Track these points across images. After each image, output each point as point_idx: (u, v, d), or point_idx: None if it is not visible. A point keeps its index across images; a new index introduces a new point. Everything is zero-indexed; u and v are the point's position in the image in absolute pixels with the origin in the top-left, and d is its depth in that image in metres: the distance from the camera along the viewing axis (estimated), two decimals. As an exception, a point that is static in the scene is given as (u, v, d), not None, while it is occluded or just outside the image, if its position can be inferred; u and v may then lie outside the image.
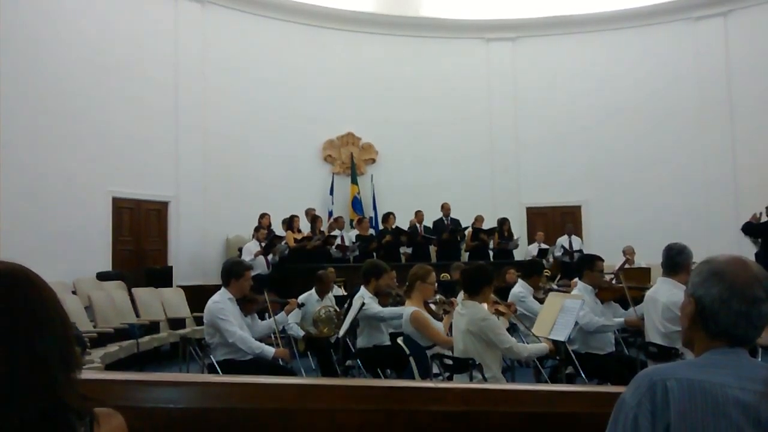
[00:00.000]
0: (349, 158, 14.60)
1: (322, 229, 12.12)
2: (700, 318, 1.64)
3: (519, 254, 12.94)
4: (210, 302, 5.36)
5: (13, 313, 1.18)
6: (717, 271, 1.64)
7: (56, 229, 10.20)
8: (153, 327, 9.22)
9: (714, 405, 1.49)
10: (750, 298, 1.58)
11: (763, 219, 9.42)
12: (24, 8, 10.21)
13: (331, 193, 14.35)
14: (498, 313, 5.10)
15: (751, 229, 7.70)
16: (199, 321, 9.37)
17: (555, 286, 8.43)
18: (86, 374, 1.46)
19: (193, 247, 12.54)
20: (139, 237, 12.06)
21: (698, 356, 1.64)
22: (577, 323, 5.23)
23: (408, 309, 5.20)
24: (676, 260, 4.67)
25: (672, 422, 1.49)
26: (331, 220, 13.17)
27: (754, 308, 1.58)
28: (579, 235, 13.98)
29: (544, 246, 13.08)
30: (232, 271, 5.48)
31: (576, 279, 6.33)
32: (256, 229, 11.47)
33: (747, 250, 10.07)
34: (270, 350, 5.39)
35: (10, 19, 9.97)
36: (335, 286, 8.40)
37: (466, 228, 12.66)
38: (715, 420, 1.48)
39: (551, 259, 12.78)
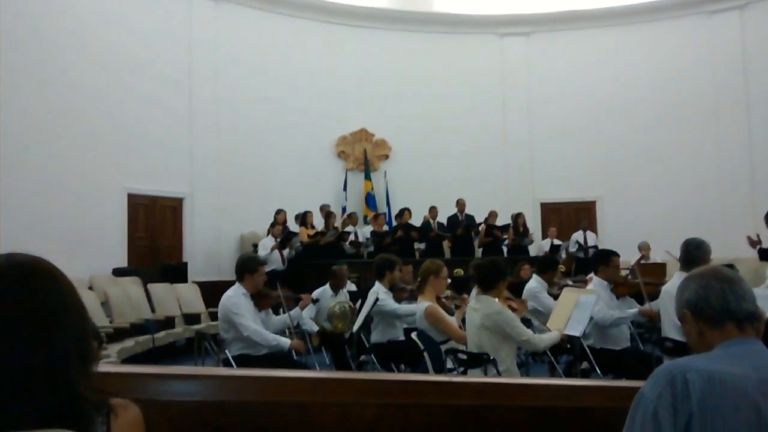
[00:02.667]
0: (363, 154, 14.60)
1: (336, 225, 12.13)
2: (699, 316, 1.69)
3: (532, 250, 12.90)
4: (224, 297, 5.39)
5: (33, 305, 1.19)
6: (689, 277, 1.81)
7: (72, 225, 10.26)
8: (168, 322, 9.29)
9: (734, 395, 1.49)
10: (725, 278, 1.72)
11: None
12: (38, 7, 10.26)
13: (345, 189, 14.36)
14: (510, 309, 5.08)
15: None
16: (213, 316, 9.42)
17: (570, 282, 8.38)
18: (103, 368, 1.46)
19: (208, 243, 12.60)
20: (155, 233, 12.13)
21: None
22: (592, 318, 5.21)
23: (422, 304, 5.21)
24: (694, 255, 4.65)
25: (694, 413, 1.49)
26: (345, 216, 13.18)
27: (734, 284, 1.70)
28: (594, 230, 13.92)
29: (556, 242, 13.03)
30: (246, 266, 5.50)
31: (591, 274, 6.30)
32: (272, 225, 11.51)
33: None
34: (286, 342, 5.41)
35: (24, 19, 10.04)
36: (348, 282, 8.40)
37: (479, 224, 12.62)
38: (735, 410, 1.49)
39: (563, 255, 12.72)
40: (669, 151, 14.21)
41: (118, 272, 10.62)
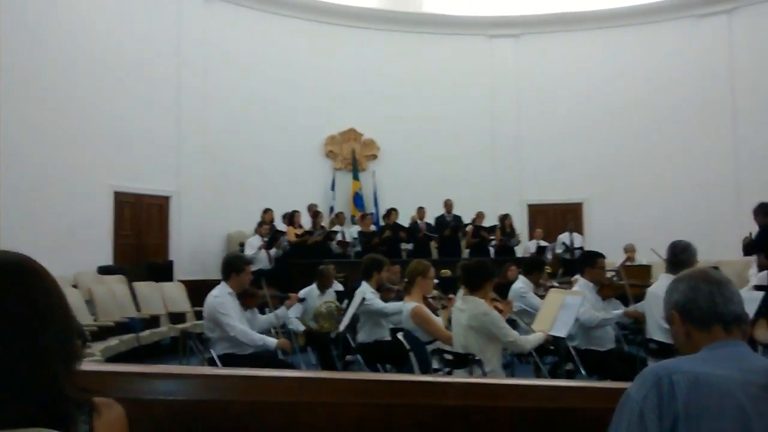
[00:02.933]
0: (351, 154, 14.59)
1: (323, 224, 12.11)
2: (687, 318, 1.70)
3: (518, 251, 12.94)
4: (209, 297, 5.36)
5: (17, 303, 1.18)
6: (678, 278, 1.82)
7: (57, 223, 10.20)
8: (153, 321, 9.25)
9: (719, 397, 1.51)
10: (714, 280, 1.73)
11: None
12: (26, 5, 10.19)
13: (333, 188, 14.35)
14: (496, 310, 5.10)
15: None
16: (199, 315, 9.37)
17: (556, 283, 8.41)
18: (87, 366, 1.45)
19: (194, 241, 12.55)
20: (140, 231, 12.06)
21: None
22: (577, 319, 5.23)
23: (408, 304, 5.21)
24: (680, 257, 4.67)
25: (679, 415, 1.51)
26: (332, 215, 13.16)
27: (723, 287, 1.71)
28: (580, 232, 13.97)
29: (542, 243, 13.08)
30: (232, 265, 5.48)
31: (577, 276, 6.33)
32: (259, 225, 11.47)
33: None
34: (272, 341, 5.40)
35: (13, 14, 9.95)
36: (335, 282, 8.39)
37: (467, 225, 12.64)
38: (720, 412, 1.50)
39: (549, 257, 12.76)
40: (656, 154, 14.29)
41: (103, 270, 10.57)
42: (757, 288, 6.98)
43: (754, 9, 13.82)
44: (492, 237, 12.48)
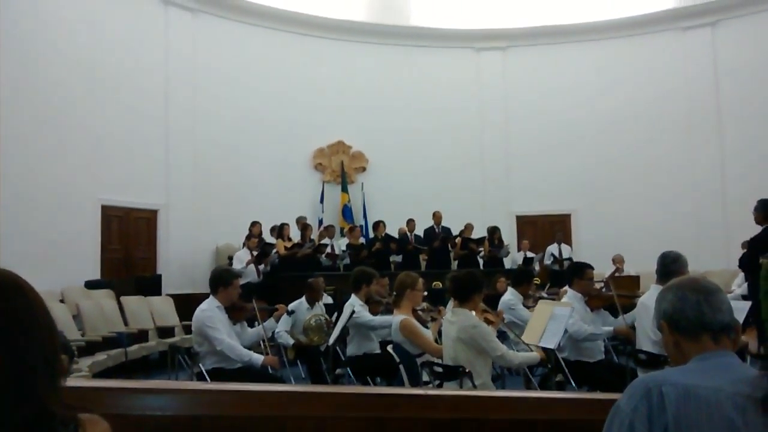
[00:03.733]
0: (340, 166, 14.60)
1: (312, 237, 12.08)
2: (675, 328, 1.71)
3: (506, 263, 12.96)
4: (198, 311, 5.33)
5: (0, 319, 1.17)
6: (667, 287, 1.82)
7: (45, 236, 10.12)
8: (142, 335, 9.16)
9: (708, 409, 1.51)
10: (701, 289, 1.73)
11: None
12: (12, 16, 10.16)
13: (322, 201, 14.34)
14: (487, 321, 5.09)
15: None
16: (188, 329, 9.30)
17: (545, 295, 8.44)
18: (75, 382, 1.44)
19: (183, 255, 12.48)
20: (128, 245, 11.99)
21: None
22: (566, 331, 5.23)
23: (397, 317, 5.19)
24: (670, 268, 4.68)
25: (669, 426, 1.51)
26: (321, 228, 13.13)
27: (710, 296, 1.71)
28: (569, 243, 14.02)
29: (530, 254, 13.11)
30: (221, 279, 5.45)
31: (566, 287, 6.34)
32: (248, 238, 11.41)
33: (735, 256, 10.08)
34: (258, 358, 5.36)
35: (0, 29, 9.92)
36: (324, 295, 8.37)
37: (456, 237, 12.66)
38: (710, 423, 1.50)
39: (537, 268, 12.79)
40: (643, 165, 14.38)
41: (90, 285, 10.48)
42: (744, 298, 7.04)
43: (737, 21, 14.00)
44: (480, 249, 12.49)
